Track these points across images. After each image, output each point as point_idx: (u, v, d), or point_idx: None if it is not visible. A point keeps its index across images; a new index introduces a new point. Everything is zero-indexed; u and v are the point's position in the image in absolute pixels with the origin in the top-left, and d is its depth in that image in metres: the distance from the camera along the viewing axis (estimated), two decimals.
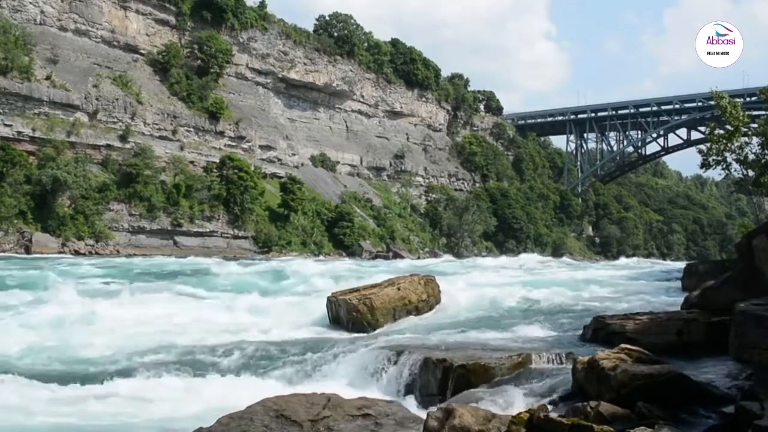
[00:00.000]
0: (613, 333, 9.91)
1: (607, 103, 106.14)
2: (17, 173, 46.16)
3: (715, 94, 26.17)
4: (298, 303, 17.26)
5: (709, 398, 6.43)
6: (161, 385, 9.08)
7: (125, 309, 15.41)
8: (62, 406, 8.14)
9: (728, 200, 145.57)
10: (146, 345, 11.49)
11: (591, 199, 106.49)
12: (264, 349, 11.07)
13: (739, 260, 11.37)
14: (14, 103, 49.09)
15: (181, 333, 12.76)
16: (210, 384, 9.17)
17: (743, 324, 7.98)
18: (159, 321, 14.05)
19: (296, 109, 79.75)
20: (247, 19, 71.70)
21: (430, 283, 15.73)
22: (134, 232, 52.85)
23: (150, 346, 11.44)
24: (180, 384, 9.16)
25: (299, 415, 6.40)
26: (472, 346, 9.98)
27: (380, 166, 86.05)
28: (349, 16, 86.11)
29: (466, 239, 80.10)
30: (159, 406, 8.07)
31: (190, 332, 12.81)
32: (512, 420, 5.52)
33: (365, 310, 13.66)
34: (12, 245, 43.73)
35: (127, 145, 55.59)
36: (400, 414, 6.79)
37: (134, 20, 63.60)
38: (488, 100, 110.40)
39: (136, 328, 13.11)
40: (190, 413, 7.53)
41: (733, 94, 33.42)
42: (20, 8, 54.15)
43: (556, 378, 7.97)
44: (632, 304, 15.80)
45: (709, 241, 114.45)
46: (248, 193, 59.69)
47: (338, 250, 65.77)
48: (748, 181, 25.71)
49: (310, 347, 10.90)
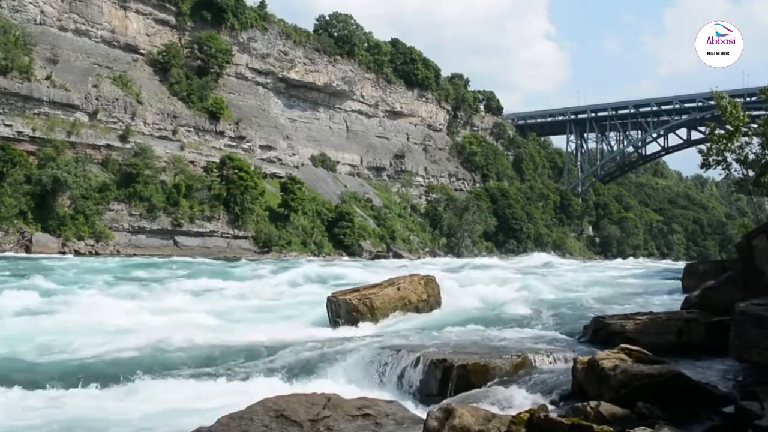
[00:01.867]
0: (613, 333, 9.90)
1: (607, 103, 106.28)
2: (17, 173, 46.20)
3: (715, 94, 26.16)
4: (298, 303, 17.27)
5: (709, 398, 6.42)
6: (161, 385, 9.07)
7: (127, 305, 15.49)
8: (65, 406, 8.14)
9: (728, 200, 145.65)
10: (146, 344, 11.49)
11: (591, 199, 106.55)
12: (264, 349, 11.07)
13: (739, 260, 11.37)
14: (14, 103, 49.14)
15: (180, 332, 12.74)
16: (210, 384, 9.17)
17: (743, 324, 7.97)
18: (158, 319, 14.05)
19: (296, 109, 79.80)
20: (247, 19, 71.75)
21: (430, 283, 15.72)
22: (134, 232, 52.88)
23: (149, 344, 11.44)
24: (179, 384, 9.16)
25: (299, 415, 6.40)
26: (473, 346, 9.97)
27: (380, 166, 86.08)
28: (349, 16, 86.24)
29: (466, 239, 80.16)
30: (159, 406, 8.07)
31: (188, 331, 12.79)
32: (512, 420, 5.52)
33: (365, 310, 13.67)
34: (12, 245, 43.76)
35: (127, 145, 55.64)
36: (400, 414, 6.79)
37: (134, 20, 63.65)
38: (488, 100, 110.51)
39: (133, 326, 13.12)
40: (189, 413, 7.53)
41: (733, 94, 33.41)
42: (20, 8, 54.19)
43: (556, 378, 7.97)
44: (632, 304, 15.81)
45: (709, 241, 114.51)
46: (248, 193, 59.72)
47: (338, 250, 65.79)
48: (748, 181, 25.69)
49: (309, 347, 10.90)
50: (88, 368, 9.94)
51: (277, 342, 11.60)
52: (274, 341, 11.68)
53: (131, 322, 13.56)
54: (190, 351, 11.24)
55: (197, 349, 11.38)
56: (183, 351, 11.21)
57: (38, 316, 14.26)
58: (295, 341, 11.67)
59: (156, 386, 9.06)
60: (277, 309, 16.59)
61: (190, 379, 9.44)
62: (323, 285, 21.83)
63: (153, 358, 10.65)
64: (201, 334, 12.49)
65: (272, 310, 16.43)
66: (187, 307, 16.16)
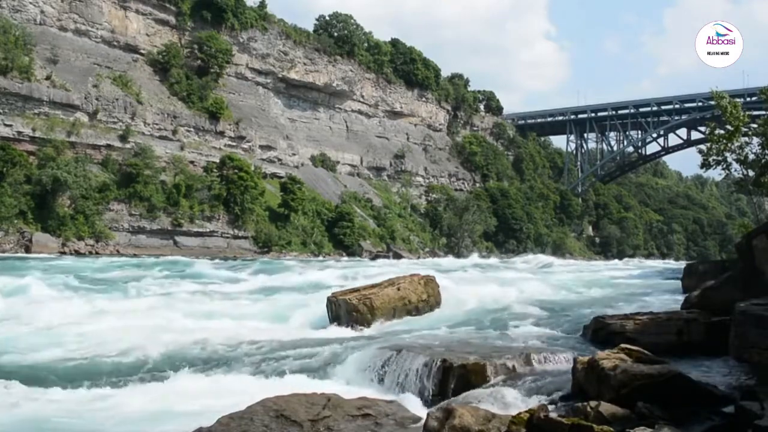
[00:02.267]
0: (613, 333, 9.90)
1: (607, 103, 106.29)
2: (17, 173, 46.21)
3: (715, 94, 26.16)
4: (298, 303, 17.26)
5: (709, 398, 6.42)
6: (162, 385, 9.08)
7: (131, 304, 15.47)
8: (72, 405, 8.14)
9: (728, 200, 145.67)
10: (145, 343, 11.49)
11: (591, 199, 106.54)
12: (263, 349, 11.07)
13: (739, 260, 11.38)
14: (14, 103, 49.15)
15: (180, 332, 12.74)
16: (210, 384, 9.17)
17: (743, 324, 7.97)
18: (158, 320, 14.05)
19: (296, 109, 79.81)
20: (247, 19, 71.76)
21: (430, 283, 15.72)
22: (134, 232, 52.89)
23: (150, 344, 11.43)
24: (179, 384, 9.16)
25: (299, 415, 6.41)
26: (473, 346, 9.97)
27: (380, 166, 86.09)
28: (349, 16, 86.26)
29: (466, 239, 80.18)
30: (159, 405, 8.07)
31: (188, 332, 12.80)
32: (512, 420, 5.52)
33: (365, 310, 13.66)
34: (12, 245, 43.77)
35: (127, 145, 55.65)
36: (400, 414, 6.80)
37: (134, 20, 63.66)
38: (488, 100, 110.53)
39: (134, 326, 13.11)
40: (189, 412, 7.53)
41: (733, 94, 33.42)
42: (20, 8, 54.20)
43: (556, 378, 7.97)
44: (632, 304, 15.80)
45: (709, 241, 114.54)
46: (248, 193, 59.74)
47: (338, 250, 65.80)
48: (748, 181, 25.69)
49: (309, 347, 10.90)
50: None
51: (277, 342, 11.59)
52: (274, 341, 11.67)
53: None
54: (190, 351, 11.25)
55: (196, 349, 11.38)
56: (183, 351, 11.22)
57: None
58: (294, 341, 11.67)
59: (156, 385, 9.06)
60: (277, 309, 16.58)
61: (191, 378, 9.44)
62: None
63: (153, 358, 10.65)
64: (200, 334, 12.49)
65: (272, 311, 16.42)
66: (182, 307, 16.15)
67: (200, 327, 13.40)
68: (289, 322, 14.66)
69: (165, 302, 17.11)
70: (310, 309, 15.49)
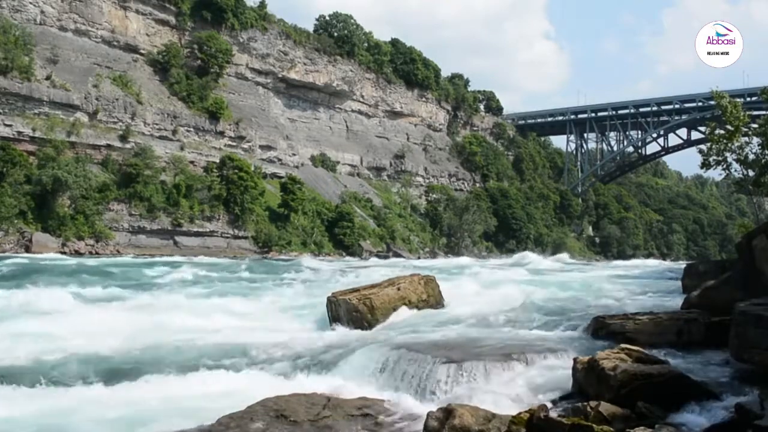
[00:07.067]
0: (613, 333, 9.91)
1: (607, 103, 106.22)
2: (17, 173, 46.18)
3: (715, 93, 26.18)
4: (298, 303, 17.26)
5: (709, 398, 6.43)
6: (162, 385, 9.07)
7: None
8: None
9: (728, 200, 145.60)
10: (146, 343, 11.49)
11: (591, 199, 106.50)
12: (264, 349, 11.07)
13: (739, 260, 11.38)
14: (14, 103, 49.13)
15: (181, 333, 12.74)
16: (210, 384, 9.17)
17: (743, 324, 7.97)
18: (160, 321, 14.05)
19: (296, 109, 79.79)
20: (247, 19, 71.73)
21: (430, 283, 15.72)
22: (134, 232, 52.86)
23: (150, 344, 11.44)
24: (180, 384, 9.16)
25: (299, 415, 6.41)
26: (472, 346, 9.98)
27: (380, 166, 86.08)
28: (349, 16, 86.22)
29: (466, 239, 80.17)
30: (159, 405, 8.07)
31: (189, 332, 12.80)
32: (512, 420, 5.53)
33: (365, 310, 13.65)
34: (12, 245, 43.74)
35: (127, 145, 55.63)
36: (400, 414, 6.81)
37: (134, 20, 63.62)
38: (488, 100, 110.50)
39: (135, 326, 13.12)
40: (189, 412, 7.53)
41: (733, 94, 33.39)
42: (20, 8, 54.18)
43: (556, 378, 7.97)
44: (632, 304, 15.79)
45: (709, 241, 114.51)
46: (248, 193, 59.71)
47: (338, 250, 65.79)
48: (748, 181, 25.70)
49: (310, 347, 10.90)
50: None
51: (277, 342, 11.59)
52: (274, 341, 11.67)
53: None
54: (190, 351, 11.25)
55: (195, 349, 11.38)
56: (182, 350, 11.22)
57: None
58: (294, 341, 11.67)
59: (157, 385, 9.06)
60: (277, 309, 16.57)
61: (191, 378, 9.44)
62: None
63: (151, 357, 10.65)
64: (199, 335, 12.49)
65: (272, 310, 16.41)
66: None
67: (198, 326, 13.41)
68: (290, 322, 14.66)
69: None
70: (311, 309, 15.49)
